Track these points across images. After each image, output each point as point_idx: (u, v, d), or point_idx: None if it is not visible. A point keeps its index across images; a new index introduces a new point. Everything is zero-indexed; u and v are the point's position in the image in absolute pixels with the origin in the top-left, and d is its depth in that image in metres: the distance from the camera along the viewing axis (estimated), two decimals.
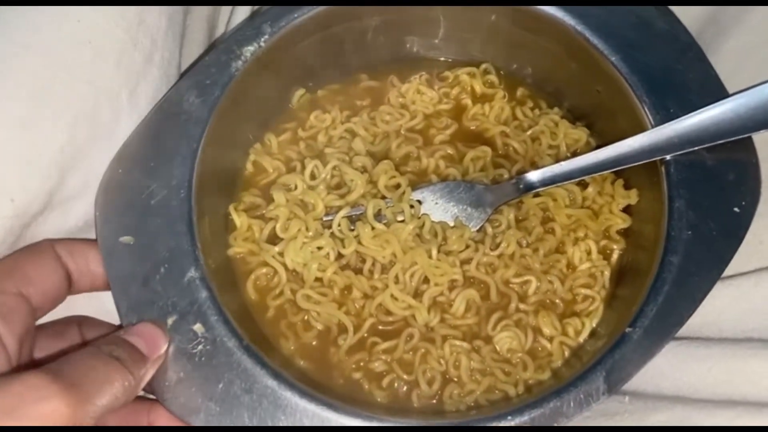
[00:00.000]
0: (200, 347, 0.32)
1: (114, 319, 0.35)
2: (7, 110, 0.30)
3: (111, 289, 0.33)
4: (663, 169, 0.35)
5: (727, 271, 0.33)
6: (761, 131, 0.34)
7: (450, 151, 0.41)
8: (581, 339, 0.36)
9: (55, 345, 0.32)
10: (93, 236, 0.34)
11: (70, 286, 0.32)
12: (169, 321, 0.32)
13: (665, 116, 0.35)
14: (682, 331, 0.32)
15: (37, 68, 0.31)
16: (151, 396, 0.32)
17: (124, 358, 0.28)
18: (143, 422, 0.32)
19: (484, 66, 0.43)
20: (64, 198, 0.33)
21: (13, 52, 0.31)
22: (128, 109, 0.35)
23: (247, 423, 0.31)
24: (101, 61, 0.33)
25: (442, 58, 0.44)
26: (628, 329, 0.32)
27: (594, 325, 0.36)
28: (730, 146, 0.34)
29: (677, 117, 0.35)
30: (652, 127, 0.35)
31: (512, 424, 0.31)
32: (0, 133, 0.30)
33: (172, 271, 0.33)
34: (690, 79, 0.36)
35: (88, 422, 0.25)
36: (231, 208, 0.38)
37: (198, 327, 0.32)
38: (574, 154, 0.40)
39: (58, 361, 0.26)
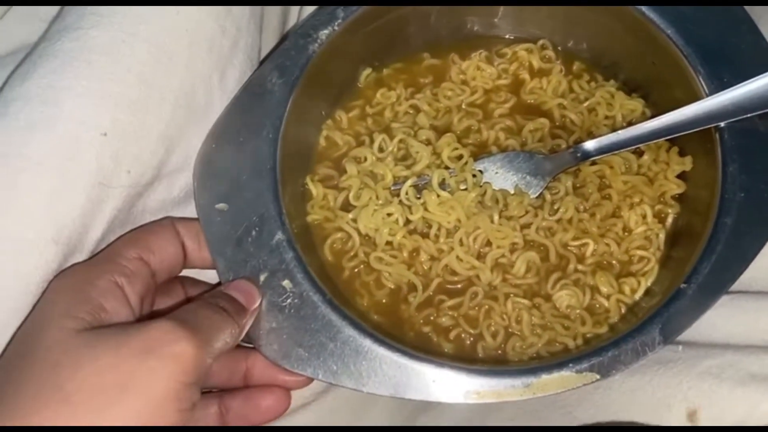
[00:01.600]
0: (289, 300, 0.36)
1: (209, 278, 0.40)
2: (121, 93, 0.34)
3: (209, 249, 0.37)
4: (717, 135, 0.37)
5: None
6: None
7: (509, 123, 0.44)
8: (637, 296, 0.38)
9: (164, 301, 0.37)
10: (193, 205, 0.38)
11: (186, 261, 0.37)
12: (261, 278, 0.36)
13: (719, 85, 0.37)
14: (734, 285, 0.34)
15: (144, 54, 0.35)
16: (248, 344, 0.36)
17: (230, 309, 0.33)
18: (242, 367, 0.36)
19: (541, 42, 0.45)
20: (170, 171, 0.37)
21: (122, 39, 0.35)
22: (219, 91, 0.39)
23: (332, 367, 0.34)
24: (196, 48, 0.37)
25: (501, 36, 0.46)
26: (683, 285, 0.34)
27: (649, 284, 0.38)
28: None
29: (731, 86, 0.36)
30: (707, 96, 0.37)
31: (572, 371, 0.34)
32: (117, 114, 0.34)
33: (261, 233, 0.37)
34: (743, 51, 0.38)
35: (207, 362, 0.29)
36: (308, 179, 0.42)
37: (287, 283, 0.36)
38: (630, 124, 0.42)
39: (179, 310, 0.31)
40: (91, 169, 0.33)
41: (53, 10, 0.39)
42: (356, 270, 0.40)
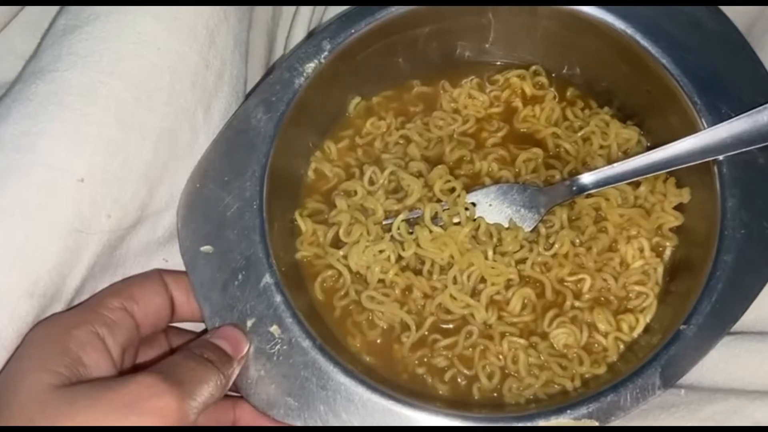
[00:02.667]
0: (278, 347, 0.35)
1: (196, 326, 0.38)
2: (98, 135, 0.33)
3: (194, 295, 0.36)
4: (715, 168, 0.36)
5: None
6: None
7: (502, 152, 0.43)
8: (635, 334, 0.37)
9: (146, 352, 0.35)
10: (177, 246, 0.37)
11: (174, 314, 0.35)
12: (249, 323, 0.35)
13: (717, 116, 0.36)
14: (736, 326, 0.33)
15: (122, 94, 0.34)
16: (235, 393, 0.35)
17: (215, 359, 0.31)
18: (230, 417, 0.35)
19: (533, 68, 0.44)
20: (153, 211, 0.36)
21: (99, 80, 0.34)
22: (204, 126, 0.38)
23: (322, 415, 0.33)
24: (178, 83, 0.36)
25: (492, 62, 0.45)
26: (683, 326, 0.33)
27: (648, 320, 0.37)
28: None
29: (729, 117, 0.36)
30: (704, 127, 0.36)
31: (571, 418, 0.33)
32: (95, 157, 0.33)
33: (249, 277, 0.36)
34: (741, 79, 0.37)
35: (191, 417, 0.28)
36: (296, 214, 0.41)
37: (275, 329, 0.35)
38: (626, 154, 0.41)
39: (161, 363, 0.30)
40: (67, 216, 0.32)
41: (29, 47, 0.38)
42: (347, 309, 0.39)
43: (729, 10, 0.38)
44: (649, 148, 0.40)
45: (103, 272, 0.35)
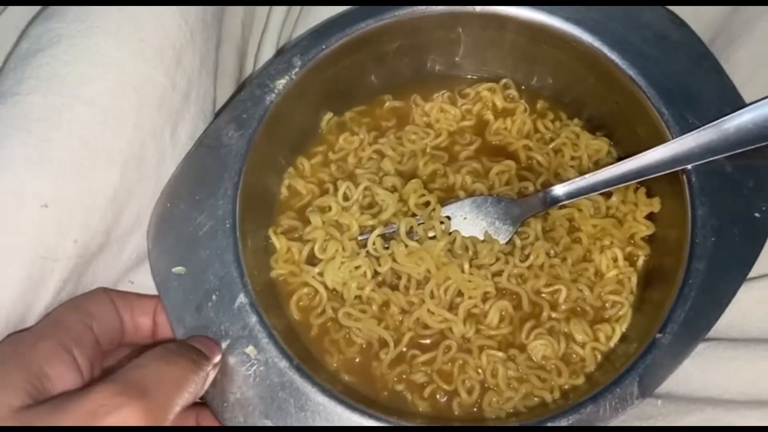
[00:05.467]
0: (254, 368, 0.34)
1: None
2: (62, 159, 0.32)
3: (167, 317, 0.35)
4: (684, 177, 0.36)
5: (750, 273, 0.34)
6: None
7: (475, 165, 0.43)
8: (612, 344, 0.37)
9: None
10: (147, 268, 0.36)
11: (123, 334, 0.34)
12: (224, 345, 0.34)
13: (684, 126, 0.37)
14: (710, 332, 0.34)
15: (87, 117, 0.33)
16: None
17: (193, 357, 0.30)
18: (191, 423, 0.34)
19: (504, 81, 0.45)
20: (120, 235, 0.35)
21: (63, 104, 0.33)
22: (171, 147, 0.37)
23: None
24: (145, 105, 0.35)
25: (463, 75, 0.46)
26: (658, 335, 0.33)
27: (624, 329, 0.38)
28: (748, 154, 0.35)
29: (696, 127, 0.36)
30: (672, 137, 0.37)
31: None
32: (59, 182, 0.32)
33: (223, 298, 0.35)
34: (707, 90, 0.37)
35: (164, 422, 0.27)
36: (270, 232, 0.41)
37: (250, 350, 0.34)
38: (597, 164, 0.42)
39: (126, 367, 0.28)
40: (31, 243, 0.31)
41: None
42: (325, 327, 0.39)
43: (693, 23, 0.39)
44: (619, 159, 0.41)
45: (70, 296, 0.34)
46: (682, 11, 0.39)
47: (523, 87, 0.45)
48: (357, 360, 0.38)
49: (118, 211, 0.35)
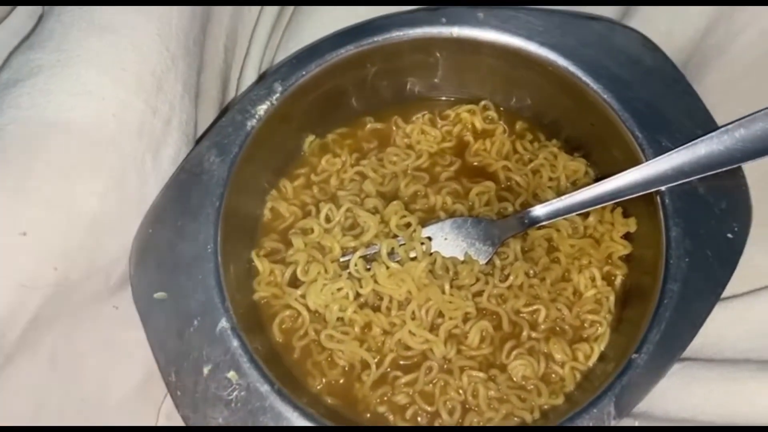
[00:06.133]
0: (235, 393, 0.34)
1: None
2: (41, 189, 0.32)
3: (149, 343, 0.35)
4: (658, 199, 0.37)
5: (724, 293, 0.35)
6: (749, 161, 0.36)
7: (456, 186, 0.43)
8: (591, 363, 0.38)
9: None
10: (128, 293, 0.36)
11: None
12: (205, 370, 0.34)
13: (657, 149, 0.37)
14: (685, 352, 0.34)
15: (66, 145, 0.34)
16: None
17: None
18: None
19: (483, 103, 0.45)
20: (105, 261, 0.35)
21: (41, 133, 0.33)
22: (153, 172, 0.38)
23: None
24: (125, 132, 0.36)
25: (443, 97, 0.46)
26: (634, 355, 0.34)
27: (602, 348, 0.38)
28: (720, 175, 0.36)
29: (669, 149, 0.37)
30: (646, 159, 0.38)
31: None
32: (38, 210, 0.32)
33: (204, 323, 0.35)
34: (679, 112, 0.38)
35: None
36: (253, 254, 0.41)
37: (232, 374, 0.34)
38: (574, 185, 0.42)
39: None
40: (9, 271, 0.31)
41: None
42: (307, 349, 0.39)
43: (666, 47, 0.40)
44: (596, 179, 0.42)
45: (50, 323, 0.34)
46: (654, 35, 0.40)
47: (502, 108, 0.46)
48: (339, 382, 0.38)
49: (101, 238, 0.35)
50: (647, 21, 0.41)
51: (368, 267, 0.40)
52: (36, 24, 0.37)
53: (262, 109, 0.39)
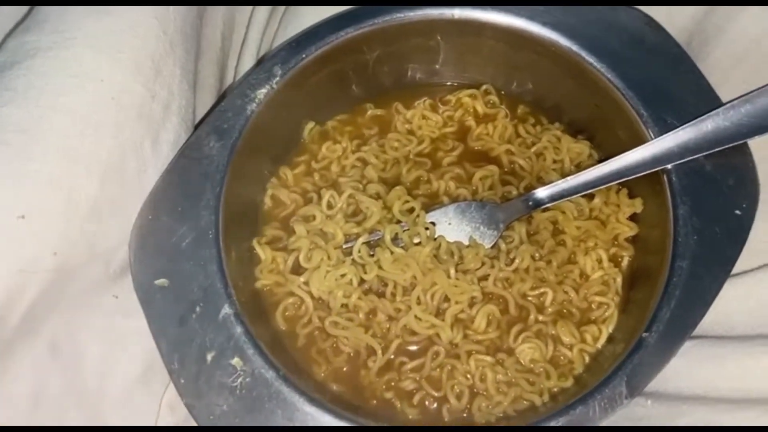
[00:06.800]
0: (240, 380, 0.33)
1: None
2: (40, 171, 0.32)
3: (151, 330, 0.34)
4: (665, 177, 0.37)
5: (733, 270, 0.34)
6: (756, 137, 0.35)
7: (459, 171, 0.43)
8: (599, 345, 0.37)
9: None
10: (131, 282, 0.36)
11: None
12: (209, 357, 0.34)
13: (663, 127, 0.37)
14: (696, 330, 0.34)
15: (65, 128, 0.33)
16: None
17: None
18: None
19: (484, 87, 0.45)
20: (105, 248, 0.35)
21: (40, 115, 0.32)
22: (152, 158, 0.37)
23: None
24: (124, 116, 0.35)
25: (444, 83, 0.46)
26: (644, 334, 0.34)
27: (610, 330, 0.38)
28: (727, 152, 0.36)
29: (675, 127, 0.37)
30: (651, 138, 0.37)
31: None
32: (37, 193, 0.31)
33: (207, 309, 0.35)
34: (684, 90, 0.38)
35: None
36: (255, 242, 0.40)
37: (236, 361, 0.34)
38: (578, 167, 0.42)
39: None
40: (7, 255, 0.30)
41: None
42: (311, 337, 0.38)
43: (668, 26, 0.40)
44: (600, 161, 0.41)
45: (49, 310, 0.33)
46: (657, 14, 0.40)
47: (503, 92, 0.45)
48: (345, 369, 0.38)
49: (102, 224, 0.34)
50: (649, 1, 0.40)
51: (372, 253, 0.39)
52: (31, 7, 0.36)
53: (261, 93, 0.39)
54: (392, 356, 0.38)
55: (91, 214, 0.34)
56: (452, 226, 0.40)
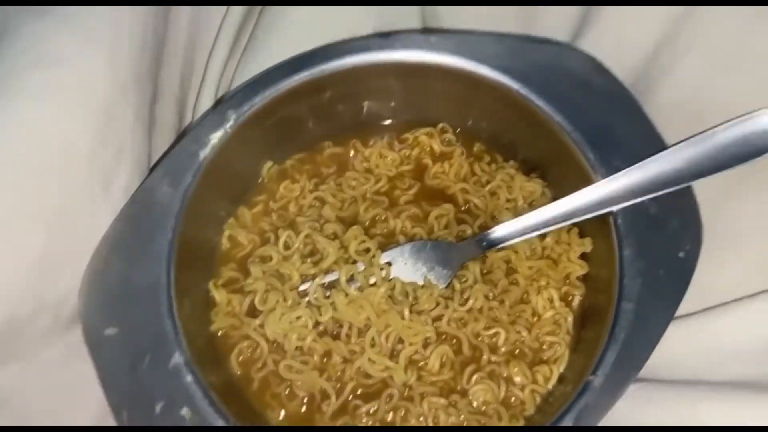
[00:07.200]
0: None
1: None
2: None
3: (99, 381, 0.34)
4: (611, 219, 0.37)
5: (677, 312, 0.35)
6: (699, 179, 0.36)
7: (415, 210, 0.43)
8: (550, 386, 0.38)
9: None
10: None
11: None
12: (158, 407, 0.34)
13: (609, 169, 0.38)
14: (642, 372, 0.34)
15: (10, 178, 0.33)
16: None
17: None
18: None
19: (440, 125, 0.46)
20: (56, 296, 0.35)
21: None
22: (104, 204, 0.37)
23: None
24: (73, 163, 0.35)
25: (401, 120, 0.46)
26: (591, 376, 0.34)
27: (561, 370, 0.38)
28: (671, 195, 0.36)
29: (621, 170, 0.37)
30: (599, 179, 0.38)
31: None
32: None
33: (157, 357, 0.34)
34: (630, 133, 0.39)
35: None
36: (211, 285, 0.40)
37: (186, 411, 0.34)
38: (531, 206, 0.42)
39: None
40: None
41: None
42: (266, 381, 0.38)
43: (615, 68, 0.40)
44: (553, 199, 0.42)
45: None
46: (605, 57, 0.41)
47: (459, 130, 0.46)
48: (300, 413, 0.38)
49: (49, 274, 0.34)
50: (597, 43, 0.41)
51: (328, 294, 0.39)
52: None
53: (215, 137, 0.39)
54: (347, 399, 0.38)
55: (39, 265, 0.33)
56: (408, 266, 0.41)
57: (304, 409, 0.38)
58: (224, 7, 0.45)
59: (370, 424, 0.37)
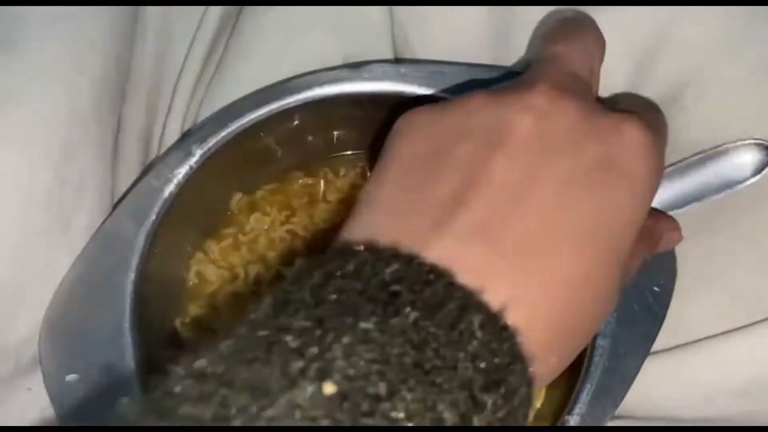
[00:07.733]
0: None
1: None
2: None
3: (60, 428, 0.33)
4: None
5: (653, 348, 0.35)
6: (671, 212, 0.36)
7: None
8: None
9: None
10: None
11: None
12: None
13: None
14: (619, 410, 0.34)
15: None
16: None
17: None
18: None
19: None
20: (16, 341, 0.34)
21: None
22: (64, 245, 0.36)
23: None
24: (30, 204, 0.34)
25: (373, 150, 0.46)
26: (566, 416, 0.33)
27: (537, 407, 0.37)
28: None
29: None
30: None
31: None
32: None
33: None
34: None
35: None
36: (177, 324, 0.39)
37: None
38: None
39: None
40: None
41: None
42: None
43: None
44: None
45: None
46: None
47: None
48: None
49: (9, 318, 0.33)
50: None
51: None
52: None
53: (180, 173, 0.38)
54: None
55: None
56: None
57: None
58: (191, 37, 0.44)
59: None
